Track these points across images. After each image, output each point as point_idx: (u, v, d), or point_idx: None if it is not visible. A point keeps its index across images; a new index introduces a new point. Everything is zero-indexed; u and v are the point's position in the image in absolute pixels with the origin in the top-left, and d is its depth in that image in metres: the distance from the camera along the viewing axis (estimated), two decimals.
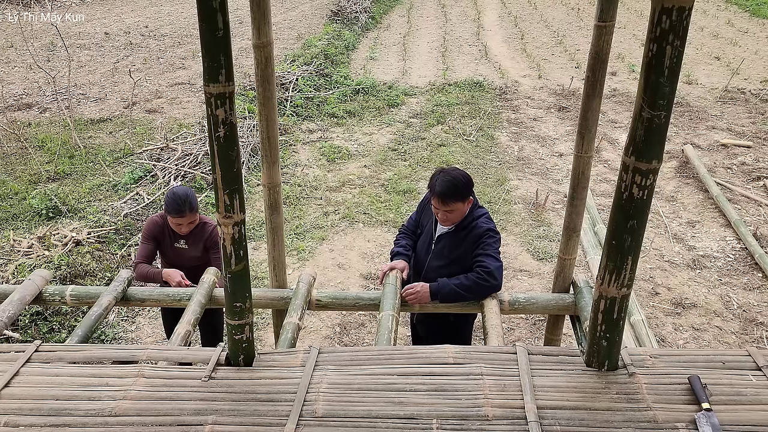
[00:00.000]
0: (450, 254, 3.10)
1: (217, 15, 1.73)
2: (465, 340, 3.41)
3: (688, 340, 4.58)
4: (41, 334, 4.48)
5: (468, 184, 2.98)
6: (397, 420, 1.98)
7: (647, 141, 1.79)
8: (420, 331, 3.48)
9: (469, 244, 3.05)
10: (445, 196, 2.93)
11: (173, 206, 3.46)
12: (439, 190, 2.93)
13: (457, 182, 2.93)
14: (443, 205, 2.96)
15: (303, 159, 7.77)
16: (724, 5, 17.80)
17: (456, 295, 2.96)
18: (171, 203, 3.46)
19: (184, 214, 3.47)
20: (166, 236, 3.66)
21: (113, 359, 2.50)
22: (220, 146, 1.88)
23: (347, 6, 16.30)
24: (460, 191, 2.94)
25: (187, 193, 3.50)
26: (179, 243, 3.64)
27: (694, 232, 6.09)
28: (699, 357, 2.26)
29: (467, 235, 3.06)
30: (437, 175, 3.00)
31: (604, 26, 2.59)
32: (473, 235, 3.04)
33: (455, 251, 3.09)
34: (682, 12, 1.63)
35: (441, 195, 2.93)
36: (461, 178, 2.96)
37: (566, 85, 10.54)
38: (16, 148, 7.95)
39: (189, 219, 3.51)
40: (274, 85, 2.87)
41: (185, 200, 3.45)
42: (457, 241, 3.09)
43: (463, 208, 3.02)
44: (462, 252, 3.07)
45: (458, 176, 2.96)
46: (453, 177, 2.95)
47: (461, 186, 2.94)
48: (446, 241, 3.12)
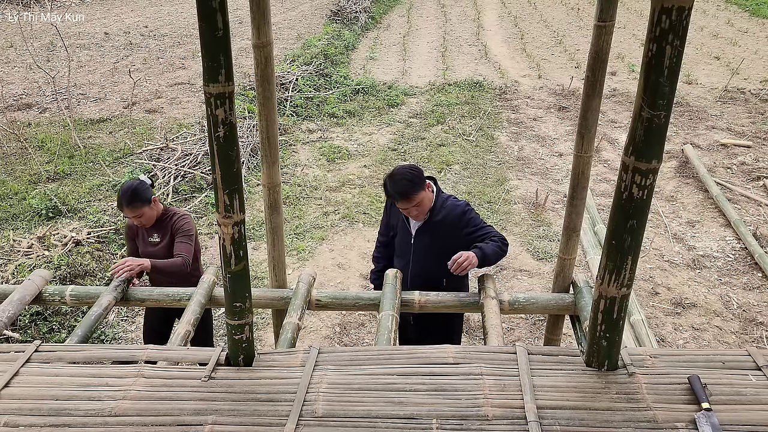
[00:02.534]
0: (432, 244, 3.14)
1: (216, 15, 1.73)
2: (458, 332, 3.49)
3: (688, 340, 4.58)
4: (41, 334, 4.48)
5: (418, 173, 3.03)
6: (397, 420, 1.98)
7: (647, 141, 1.79)
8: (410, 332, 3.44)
9: (450, 226, 3.10)
10: (406, 193, 2.98)
11: (117, 202, 3.47)
12: (398, 191, 2.98)
13: (407, 176, 2.99)
14: (410, 202, 3.01)
15: (303, 159, 7.77)
16: (724, 5, 17.80)
17: (495, 256, 3.03)
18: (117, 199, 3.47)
19: (123, 209, 3.44)
20: (140, 234, 3.67)
21: (113, 359, 2.50)
22: (220, 146, 1.88)
23: (347, 6, 16.30)
24: (415, 181, 2.99)
25: (129, 187, 3.42)
26: (152, 237, 3.63)
27: (693, 232, 6.09)
28: (699, 357, 2.26)
29: (443, 219, 3.11)
30: (387, 183, 3.05)
31: (604, 26, 2.59)
32: (451, 216, 3.10)
33: (437, 239, 3.13)
34: (682, 12, 1.63)
35: (403, 194, 2.98)
36: (407, 171, 3.02)
37: (566, 85, 10.54)
38: (16, 148, 7.95)
39: (133, 213, 3.44)
40: (274, 85, 2.87)
41: (124, 195, 3.40)
42: (435, 229, 3.13)
43: (427, 195, 3.07)
44: (445, 237, 3.11)
45: (404, 171, 3.02)
46: (401, 174, 3.01)
47: (413, 177, 2.99)
48: (425, 233, 3.16)
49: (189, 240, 3.56)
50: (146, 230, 3.63)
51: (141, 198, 3.43)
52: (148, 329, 3.94)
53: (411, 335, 3.44)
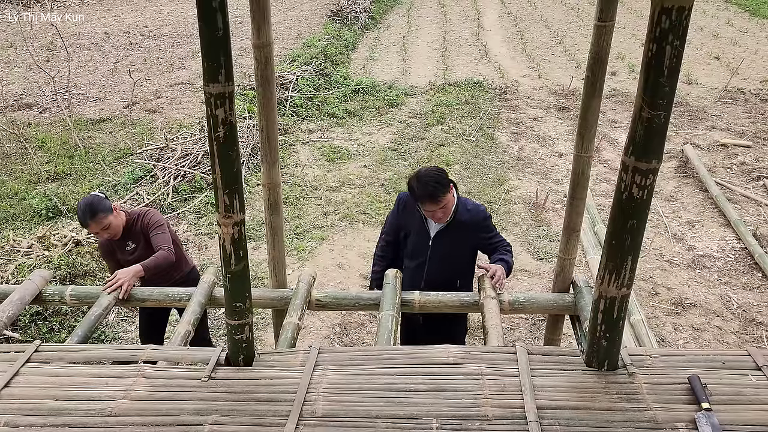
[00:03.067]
0: (451, 247, 3.18)
1: (216, 15, 1.73)
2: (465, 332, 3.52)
3: (688, 339, 4.58)
4: (41, 334, 4.48)
5: (444, 174, 3.04)
6: (397, 420, 1.98)
7: (647, 141, 1.79)
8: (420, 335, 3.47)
9: (472, 229, 3.15)
10: (435, 195, 2.96)
11: (80, 221, 3.40)
12: (427, 193, 2.96)
13: (435, 178, 2.98)
14: (437, 204, 2.99)
15: (303, 159, 7.77)
16: (724, 5, 17.79)
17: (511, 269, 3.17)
18: (79, 219, 3.40)
19: (88, 225, 3.37)
20: (114, 248, 3.61)
21: (113, 359, 2.50)
22: (220, 146, 1.88)
23: (347, 6, 16.29)
24: (443, 183, 2.99)
25: (86, 203, 3.36)
26: (128, 246, 3.57)
27: (693, 232, 6.09)
28: (699, 357, 2.26)
29: (467, 222, 3.14)
30: (413, 182, 3.03)
31: (604, 26, 2.59)
32: (475, 220, 3.14)
33: (457, 241, 3.17)
34: (682, 12, 1.63)
35: (432, 196, 2.96)
36: (435, 173, 3.01)
37: (566, 85, 10.54)
38: (16, 148, 7.95)
39: (99, 226, 3.38)
40: (274, 85, 2.87)
41: (85, 211, 3.33)
42: (457, 231, 3.15)
43: (452, 197, 3.08)
44: (464, 239, 3.17)
45: (431, 173, 3.00)
46: (429, 176, 2.99)
47: (440, 179, 2.99)
48: (445, 237, 3.17)
49: (161, 230, 3.51)
50: (119, 242, 3.56)
51: (101, 209, 3.37)
52: (144, 326, 3.94)
53: (421, 337, 3.46)
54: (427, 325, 3.43)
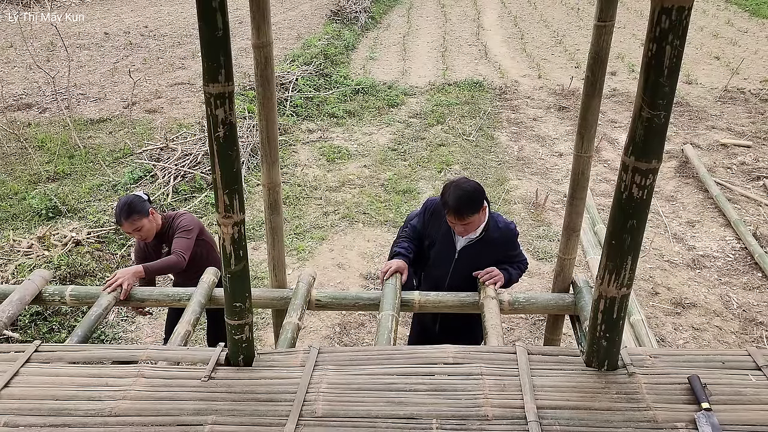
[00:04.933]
0: (476, 263, 3.10)
1: (216, 15, 1.73)
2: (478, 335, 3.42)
3: (687, 339, 4.58)
4: (41, 334, 4.48)
5: (481, 194, 2.93)
6: (397, 420, 1.98)
7: (647, 141, 1.79)
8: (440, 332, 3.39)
9: (501, 246, 3.12)
10: (461, 211, 2.86)
11: (116, 218, 3.49)
12: (454, 206, 2.85)
13: (471, 195, 2.87)
14: (461, 220, 2.90)
15: (303, 159, 7.77)
16: (724, 5, 17.79)
17: (513, 283, 3.16)
18: (115, 216, 3.49)
19: (122, 224, 3.45)
20: (150, 251, 3.65)
21: (113, 359, 2.50)
22: (220, 146, 1.88)
23: (347, 6, 16.29)
24: (475, 204, 2.88)
25: (125, 202, 3.44)
26: (163, 249, 3.62)
27: (693, 231, 6.09)
28: (699, 357, 2.26)
29: (497, 239, 3.09)
30: (449, 189, 2.91)
31: (604, 26, 2.59)
32: (502, 239, 3.10)
33: (483, 258, 3.10)
34: (682, 12, 1.63)
35: (457, 211, 2.86)
36: (474, 190, 2.89)
37: (566, 84, 10.54)
38: (16, 148, 7.95)
39: (131, 227, 3.45)
40: (274, 85, 2.87)
41: (122, 210, 3.42)
42: (484, 250, 3.09)
43: (480, 218, 2.98)
44: (490, 257, 3.10)
45: (471, 189, 2.89)
46: (465, 190, 2.87)
47: (475, 198, 2.88)
48: (471, 252, 3.09)
49: (184, 234, 3.54)
50: (154, 245, 3.62)
51: (138, 210, 3.43)
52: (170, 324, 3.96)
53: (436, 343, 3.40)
54: (443, 333, 3.35)
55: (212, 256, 3.72)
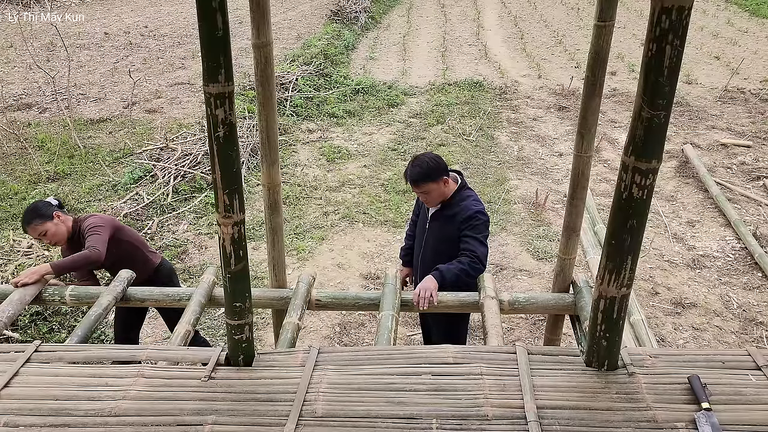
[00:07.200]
0: (441, 232, 3.27)
1: (216, 15, 1.73)
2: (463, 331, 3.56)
3: (687, 339, 4.58)
4: (41, 334, 4.48)
5: (436, 166, 3.13)
6: (397, 420, 1.98)
7: (647, 140, 1.79)
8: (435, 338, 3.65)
9: (458, 223, 3.20)
10: (414, 180, 3.13)
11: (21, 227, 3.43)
12: (409, 173, 3.15)
13: (423, 165, 3.11)
14: (417, 188, 3.16)
15: (303, 159, 7.77)
16: (724, 5, 17.79)
17: (458, 279, 3.10)
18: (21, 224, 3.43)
19: (26, 230, 3.40)
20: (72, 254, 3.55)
21: (113, 359, 2.50)
22: (220, 146, 1.88)
23: (347, 6, 16.28)
24: (429, 173, 3.10)
25: (27, 209, 3.39)
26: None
27: (693, 231, 6.09)
28: (699, 357, 2.26)
29: (455, 215, 3.21)
30: (409, 162, 3.20)
31: (604, 26, 2.59)
32: (462, 216, 3.19)
33: (445, 229, 3.25)
34: (682, 12, 1.63)
35: (411, 180, 3.15)
36: (428, 161, 3.13)
37: (566, 84, 10.54)
38: (16, 148, 7.95)
39: (35, 232, 3.38)
40: (274, 85, 2.87)
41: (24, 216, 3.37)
42: (446, 220, 3.25)
43: (440, 188, 3.17)
44: (451, 231, 3.23)
45: (425, 160, 3.14)
46: (422, 160, 3.14)
47: (429, 168, 3.11)
48: (438, 221, 3.29)
49: (94, 231, 3.42)
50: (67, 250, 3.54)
51: (39, 214, 3.36)
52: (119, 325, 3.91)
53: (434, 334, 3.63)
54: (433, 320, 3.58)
55: (138, 255, 3.61)
